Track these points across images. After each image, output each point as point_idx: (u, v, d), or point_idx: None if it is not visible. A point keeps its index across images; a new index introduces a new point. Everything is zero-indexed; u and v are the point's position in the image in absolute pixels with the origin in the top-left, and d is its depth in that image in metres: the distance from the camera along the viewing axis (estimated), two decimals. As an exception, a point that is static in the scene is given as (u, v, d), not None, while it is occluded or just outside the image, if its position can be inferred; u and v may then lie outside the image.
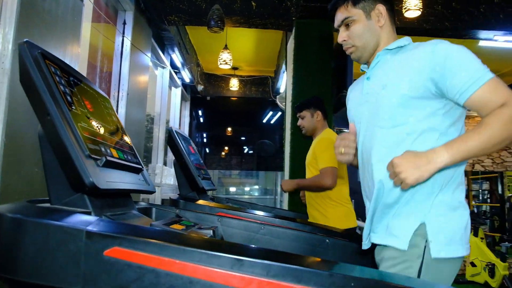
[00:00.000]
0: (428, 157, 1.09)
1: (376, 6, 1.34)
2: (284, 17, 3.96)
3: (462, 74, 1.13)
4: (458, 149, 1.08)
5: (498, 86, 1.13)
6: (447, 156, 1.08)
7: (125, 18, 3.61)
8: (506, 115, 1.08)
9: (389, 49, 1.33)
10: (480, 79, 1.12)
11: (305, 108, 2.80)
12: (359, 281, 0.77)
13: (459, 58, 1.15)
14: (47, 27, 2.10)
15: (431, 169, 1.09)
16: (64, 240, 0.79)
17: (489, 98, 1.12)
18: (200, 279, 0.77)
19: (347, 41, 1.37)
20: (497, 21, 4.22)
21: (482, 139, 1.08)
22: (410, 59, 1.24)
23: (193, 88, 6.97)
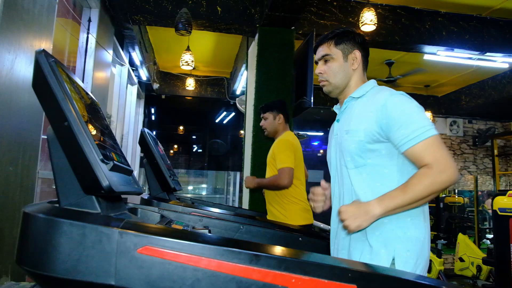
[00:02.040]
0: (365, 209, 1.29)
1: (354, 50, 1.53)
2: (248, 23, 4.09)
3: (401, 131, 1.32)
4: (387, 205, 1.28)
5: (428, 147, 1.29)
6: (379, 210, 1.28)
7: (90, 15, 3.57)
8: (426, 177, 1.27)
9: (354, 97, 1.52)
10: (415, 139, 1.30)
11: (269, 110, 2.95)
12: (358, 272, 0.92)
13: (403, 114, 1.33)
14: (25, 24, 2.09)
15: (368, 219, 1.28)
16: (99, 239, 0.87)
17: (419, 156, 1.30)
18: (223, 273, 0.88)
19: (323, 74, 1.54)
20: (440, 37, 4.63)
21: (406, 197, 1.27)
22: (367, 108, 1.42)
23: (148, 86, 6.91)
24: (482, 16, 4.78)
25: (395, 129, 1.33)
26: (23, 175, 2.16)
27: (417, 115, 1.34)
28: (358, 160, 1.42)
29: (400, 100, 1.37)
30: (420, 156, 1.30)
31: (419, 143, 1.30)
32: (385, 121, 1.35)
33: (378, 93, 1.44)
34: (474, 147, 8.61)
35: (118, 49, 4.68)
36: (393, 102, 1.36)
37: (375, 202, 1.29)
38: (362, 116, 1.42)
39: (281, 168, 2.69)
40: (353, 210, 1.29)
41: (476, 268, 6.09)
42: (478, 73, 6.56)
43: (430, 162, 1.28)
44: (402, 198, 1.27)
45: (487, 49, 4.74)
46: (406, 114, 1.33)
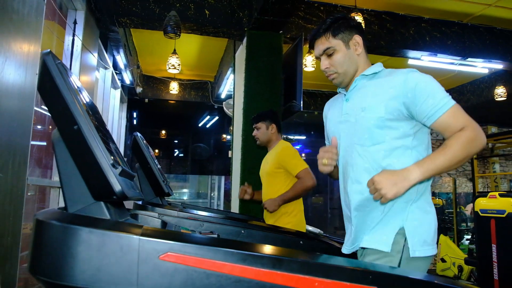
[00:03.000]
0: (403, 175, 1.28)
1: (353, 36, 1.50)
2: (236, 27, 4.09)
3: (429, 101, 1.34)
4: (427, 167, 1.28)
5: (457, 113, 1.34)
6: (419, 173, 1.28)
7: (75, 17, 3.50)
8: (464, 138, 1.30)
9: (366, 75, 1.51)
10: (444, 106, 1.33)
11: (261, 120, 2.92)
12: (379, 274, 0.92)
13: (427, 86, 1.36)
14: (14, 25, 2.02)
15: (406, 185, 1.27)
16: (120, 246, 0.85)
17: (451, 123, 1.34)
18: (246, 278, 0.87)
19: (329, 68, 1.51)
20: (424, 42, 4.74)
21: (447, 158, 1.29)
22: (385, 86, 1.42)
23: (132, 90, 6.82)
24: (463, 22, 4.91)
25: (422, 100, 1.34)
26: (12, 182, 2.09)
27: (438, 87, 1.38)
28: (377, 136, 1.41)
29: (419, 75, 1.39)
30: (452, 122, 1.33)
31: (448, 111, 1.33)
32: (410, 95, 1.35)
33: (392, 72, 1.46)
34: (453, 150, 8.80)
35: (103, 52, 4.60)
36: (414, 77, 1.38)
37: (414, 166, 1.29)
38: (381, 93, 1.42)
39: (300, 171, 2.69)
40: (390, 177, 1.27)
41: (457, 268, 6.21)
42: (458, 78, 6.73)
43: (463, 125, 1.32)
44: (443, 159, 1.28)
45: (468, 55, 4.87)
46: (429, 87, 1.36)
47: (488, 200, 4.34)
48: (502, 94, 6.10)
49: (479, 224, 4.37)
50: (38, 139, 3.17)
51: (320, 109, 7.91)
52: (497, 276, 3.98)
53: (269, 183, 2.85)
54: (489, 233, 4.20)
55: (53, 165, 3.34)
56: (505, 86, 6.13)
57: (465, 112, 1.37)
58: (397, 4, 4.54)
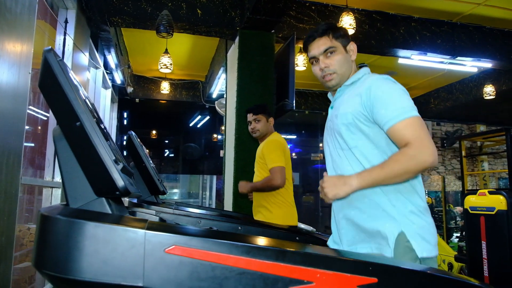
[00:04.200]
0: (344, 181, 1.33)
1: (349, 42, 1.56)
2: (228, 26, 4.10)
3: (382, 112, 1.37)
4: (364, 178, 1.32)
5: (408, 127, 1.33)
6: (357, 182, 1.32)
7: (67, 17, 3.48)
8: (403, 156, 1.31)
9: (346, 85, 1.56)
10: (393, 119, 1.34)
11: (262, 112, 2.91)
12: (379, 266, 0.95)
13: (384, 96, 1.38)
14: (8, 24, 2.01)
15: (346, 190, 1.32)
16: (126, 240, 0.86)
17: (399, 135, 1.35)
18: (250, 270, 0.88)
19: (329, 67, 1.52)
20: (414, 42, 4.79)
21: (384, 173, 1.31)
22: (356, 92, 1.47)
23: (122, 89, 6.78)
24: (453, 21, 4.98)
25: (377, 109, 1.38)
26: (7, 182, 2.07)
27: (399, 97, 1.38)
28: (349, 141, 1.46)
29: (384, 82, 1.42)
30: (400, 135, 1.34)
31: (400, 123, 1.33)
32: (369, 103, 1.40)
33: (367, 79, 1.49)
34: (442, 149, 8.92)
35: (94, 52, 4.58)
36: (377, 84, 1.41)
37: (354, 175, 1.34)
38: (350, 100, 1.47)
39: (273, 167, 2.69)
40: (333, 180, 1.35)
41: (447, 265, 6.28)
42: (446, 77, 6.82)
43: (409, 141, 1.31)
44: (379, 174, 1.31)
45: (458, 54, 4.94)
46: (389, 95, 1.38)
47: (477, 197, 4.39)
48: (491, 92, 6.19)
49: (468, 222, 4.42)
50: (30, 140, 3.14)
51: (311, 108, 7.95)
52: (487, 273, 4.04)
53: (257, 172, 2.91)
54: (479, 230, 4.25)
55: (45, 166, 3.32)
56: (494, 84, 6.23)
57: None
58: (388, 3, 4.59)
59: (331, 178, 1.36)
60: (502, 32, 5.19)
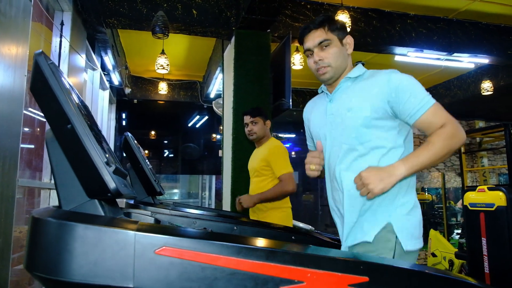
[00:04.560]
0: (389, 171, 1.32)
1: (346, 35, 1.55)
2: (224, 26, 4.10)
3: (412, 100, 1.39)
4: (412, 163, 1.33)
5: (438, 111, 1.41)
6: (404, 170, 1.33)
7: (62, 19, 3.48)
8: (446, 134, 1.36)
9: (350, 77, 1.54)
10: (425, 105, 1.39)
11: (259, 114, 2.91)
12: (370, 265, 0.95)
13: (409, 86, 1.42)
14: (2, 27, 2.02)
15: (393, 181, 1.31)
16: (116, 242, 0.86)
17: (432, 120, 1.40)
18: (241, 270, 0.89)
19: (323, 60, 1.50)
20: (410, 39, 4.79)
21: (430, 154, 1.34)
22: (370, 86, 1.47)
23: (120, 91, 6.79)
24: (448, 18, 4.98)
25: (405, 99, 1.40)
26: (3, 184, 2.08)
27: (419, 87, 1.44)
28: (364, 135, 1.45)
29: (401, 75, 1.45)
30: (433, 120, 1.39)
31: (429, 109, 1.39)
32: (394, 95, 1.41)
33: (375, 73, 1.50)
34: (441, 145, 8.89)
35: (90, 53, 4.58)
36: (397, 77, 1.44)
37: (399, 163, 1.34)
38: (366, 94, 1.46)
39: (283, 174, 2.70)
40: (376, 173, 1.30)
41: (448, 262, 6.28)
42: (444, 73, 6.82)
43: (444, 122, 1.38)
44: (427, 155, 1.34)
45: (454, 50, 4.94)
46: (411, 86, 1.42)
47: (477, 194, 4.38)
48: (489, 88, 6.19)
49: (468, 218, 4.41)
50: (27, 142, 3.15)
51: (309, 107, 7.92)
52: (488, 269, 4.04)
53: (256, 179, 2.87)
54: (479, 226, 4.25)
55: (43, 167, 3.32)
56: (491, 80, 6.22)
57: (446, 109, 1.43)
58: (383, 1, 4.59)
59: (372, 171, 1.31)
60: (498, 28, 5.19)
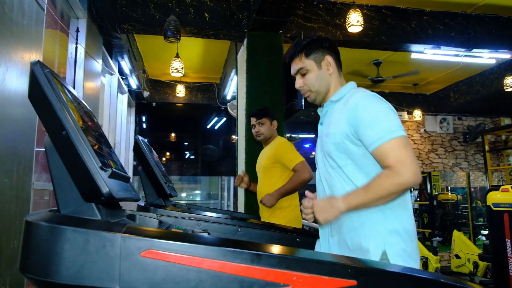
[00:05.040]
0: (331, 204, 1.38)
1: (325, 56, 1.57)
2: (236, 28, 4.13)
3: (368, 132, 1.38)
4: (350, 201, 1.37)
5: (391, 149, 1.34)
6: (343, 206, 1.37)
7: (78, 26, 3.57)
8: (386, 180, 1.33)
9: (332, 101, 1.57)
10: (379, 140, 1.36)
11: (265, 115, 2.96)
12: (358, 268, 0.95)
13: (372, 116, 1.39)
14: (14, 36, 2.09)
15: (334, 213, 1.37)
16: (102, 244, 0.88)
17: (383, 157, 1.36)
18: (225, 273, 0.90)
19: (303, 87, 1.60)
20: (427, 36, 4.70)
21: (368, 196, 1.35)
22: (343, 111, 1.48)
23: (139, 94, 6.91)
24: (467, 13, 4.86)
25: (363, 130, 1.39)
26: (18, 187, 2.15)
27: (385, 117, 1.39)
28: (338, 160, 1.48)
29: (370, 101, 1.43)
30: (383, 157, 1.36)
31: (384, 144, 1.35)
32: (355, 123, 1.41)
33: (352, 95, 1.49)
34: (465, 144, 8.70)
35: (107, 59, 4.68)
36: (363, 104, 1.42)
37: (341, 198, 1.38)
38: (338, 119, 1.48)
39: (296, 164, 2.73)
40: (322, 204, 1.40)
41: (472, 264, 6.13)
42: (466, 70, 6.66)
43: (391, 164, 1.33)
44: (364, 197, 1.36)
45: (473, 46, 4.82)
46: (374, 116, 1.39)
47: (500, 193, 4.27)
48: (511, 84, 6.00)
49: (491, 219, 4.30)
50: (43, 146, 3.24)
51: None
52: (512, 272, 3.93)
53: (265, 177, 2.90)
54: (503, 227, 4.13)
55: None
56: (514, 76, 6.03)
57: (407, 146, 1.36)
58: (398, -2, 4.54)
59: (319, 202, 1.41)
60: (520, 22, 5.04)
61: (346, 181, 1.47)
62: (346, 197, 1.38)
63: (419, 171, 1.34)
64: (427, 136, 8.37)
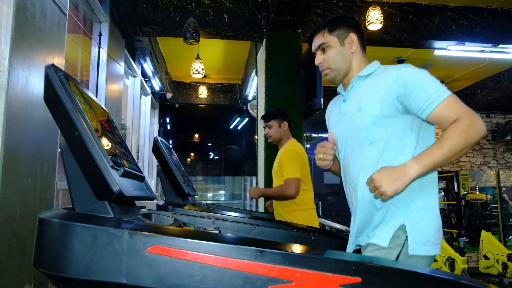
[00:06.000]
0: (402, 171, 1.26)
1: (349, 34, 1.53)
2: (255, 29, 4.14)
3: (422, 95, 1.33)
4: (425, 162, 1.27)
5: (452, 104, 1.32)
6: (417, 168, 1.26)
7: (100, 30, 3.67)
8: (461, 128, 1.28)
9: (361, 76, 1.53)
10: (437, 99, 1.32)
11: (273, 118, 2.97)
12: (364, 265, 0.94)
13: (419, 80, 1.36)
14: (37, 41, 2.17)
15: (406, 181, 1.26)
16: (110, 240, 0.91)
17: (446, 114, 1.32)
18: (229, 269, 0.91)
19: (322, 63, 1.55)
20: (450, 32, 4.60)
21: (444, 151, 1.26)
22: (379, 84, 1.43)
23: (162, 96, 7.02)
24: (492, 7, 4.72)
25: (414, 95, 1.34)
26: (41, 187, 2.23)
27: (431, 79, 1.37)
28: (375, 135, 1.41)
29: (410, 69, 1.39)
30: (446, 114, 1.32)
31: (442, 103, 1.32)
32: (402, 90, 1.36)
33: (386, 69, 1.46)
34: (494, 142, 8.43)
35: (130, 61, 4.78)
36: (405, 72, 1.38)
37: (411, 162, 1.28)
38: (375, 92, 1.43)
39: (288, 178, 2.72)
40: (388, 174, 1.27)
41: (501, 265, 5.96)
42: (493, 66, 6.47)
43: (459, 116, 1.30)
44: (441, 153, 1.26)
45: (499, 41, 4.68)
46: (421, 80, 1.36)
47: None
48: (541, 80, 5.80)
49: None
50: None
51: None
52: (541, 273, 3.81)
53: (275, 181, 2.93)
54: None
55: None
56: (544, 71, 5.83)
57: (460, 101, 1.35)
58: (420, -6, 4.45)
59: (382, 173, 1.28)
60: (549, 15, 4.85)
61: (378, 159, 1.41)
62: (419, 158, 1.28)
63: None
64: (454, 134, 8.16)
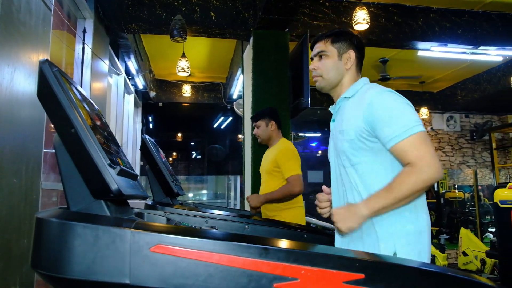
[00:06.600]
0: (354, 211, 1.33)
1: (349, 50, 1.57)
2: (242, 27, 4.13)
3: (385, 130, 1.36)
4: (373, 205, 1.32)
5: (414, 143, 1.32)
6: (366, 211, 1.32)
7: (85, 26, 3.60)
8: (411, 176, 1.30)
9: (345, 97, 1.56)
10: (396, 138, 1.34)
11: (260, 118, 3.01)
12: (365, 262, 0.95)
13: (390, 111, 1.37)
14: (22, 37, 2.11)
15: (357, 221, 1.33)
16: (112, 240, 0.89)
17: (403, 154, 1.34)
18: (234, 267, 0.90)
19: (316, 70, 1.59)
20: (433, 33, 4.68)
21: (392, 197, 1.31)
22: (357, 107, 1.46)
23: (145, 94, 6.94)
24: (474, 10, 4.83)
25: (380, 127, 1.37)
26: (27, 187, 2.17)
27: (402, 113, 1.37)
28: (352, 158, 1.46)
29: (386, 97, 1.41)
30: (403, 155, 1.33)
31: (403, 141, 1.32)
32: (371, 119, 1.38)
33: (366, 91, 1.48)
34: (472, 142, 8.65)
35: (114, 59, 4.71)
36: (379, 100, 1.40)
37: (362, 204, 1.34)
38: (352, 116, 1.47)
39: (292, 175, 2.73)
40: (343, 213, 1.35)
41: (480, 261, 6.11)
42: (473, 68, 6.61)
43: (412, 161, 1.31)
44: (387, 198, 1.31)
45: (480, 43, 4.79)
46: (391, 112, 1.37)
47: (508, 191, 4.24)
48: (519, 82, 5.96)
49: (499, 216, 4.28)
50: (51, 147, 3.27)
51: (333, 105, 7.85)
52: (520, 268, 3.91)
53: (267, 181, 2.92)
54: (510, 224, 4.11)
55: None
56: (522, 73, 5.99)
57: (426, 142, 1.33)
58: (404, -4, 4.51)
59: (340, 211, 1.36)
60: (527, 19, 4.99)
61: (359, 180, 1.45)
62: (368, 202, 1.34)
63: (440, 166, 1.31)
64: (434, 134, 8.34)
